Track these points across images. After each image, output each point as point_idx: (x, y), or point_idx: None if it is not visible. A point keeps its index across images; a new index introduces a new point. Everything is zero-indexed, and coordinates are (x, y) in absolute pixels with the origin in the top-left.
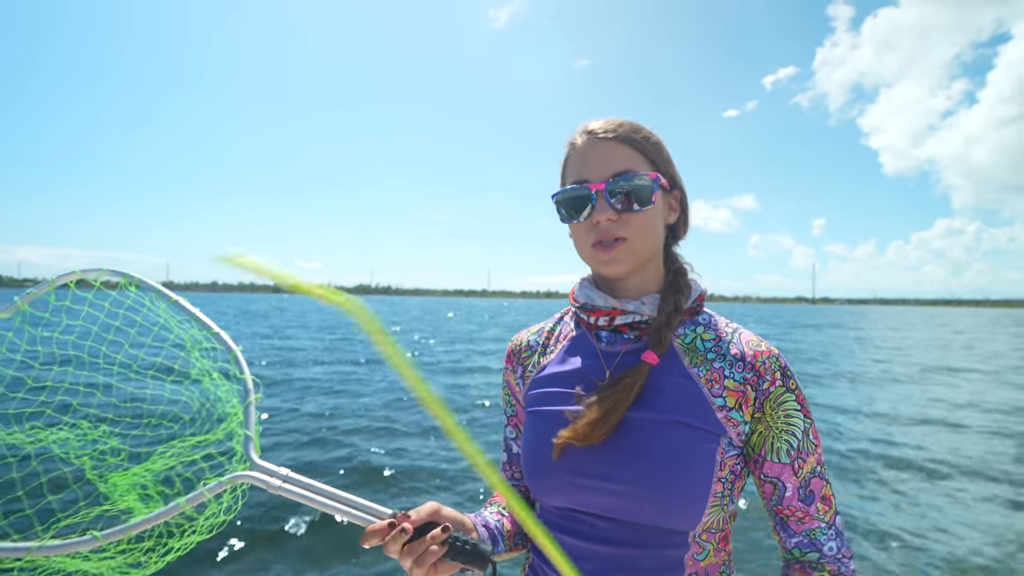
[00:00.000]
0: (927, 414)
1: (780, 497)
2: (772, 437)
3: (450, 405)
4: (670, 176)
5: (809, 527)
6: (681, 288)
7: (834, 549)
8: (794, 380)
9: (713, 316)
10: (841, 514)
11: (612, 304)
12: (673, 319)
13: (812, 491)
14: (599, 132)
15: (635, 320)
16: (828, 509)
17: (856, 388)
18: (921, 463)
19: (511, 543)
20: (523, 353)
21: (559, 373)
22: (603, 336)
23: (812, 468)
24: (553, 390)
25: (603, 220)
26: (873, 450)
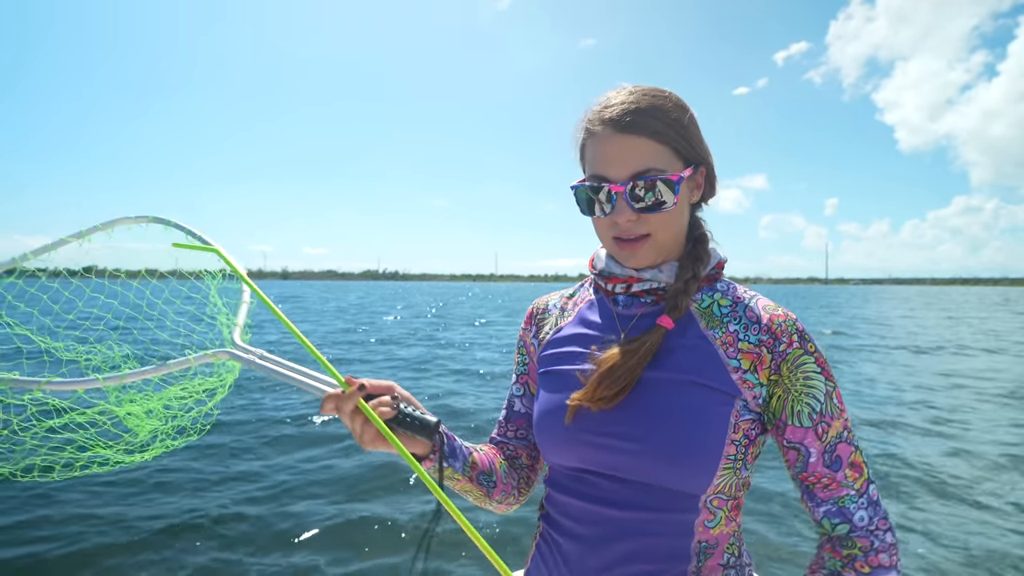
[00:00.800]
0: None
1: (804, 463)
2: (792, 400)
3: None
4: (696, 156)
5: (837, 494)
6: (700, 256)
7: (865, 519)
8: (812, 343)
9: (732, 284)
10: (876, 483)
11: (629, 272)
12: (691, 286)
13: (839, 456)
14: (618, 121)
15: (652, 286)
16: (859, 476)
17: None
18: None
19: (472, 474)
20: (542, 315)
21: (574, 335)
22: (620, 300)
23: (838, 433)
24: (567, 350)
25: (623, 222)
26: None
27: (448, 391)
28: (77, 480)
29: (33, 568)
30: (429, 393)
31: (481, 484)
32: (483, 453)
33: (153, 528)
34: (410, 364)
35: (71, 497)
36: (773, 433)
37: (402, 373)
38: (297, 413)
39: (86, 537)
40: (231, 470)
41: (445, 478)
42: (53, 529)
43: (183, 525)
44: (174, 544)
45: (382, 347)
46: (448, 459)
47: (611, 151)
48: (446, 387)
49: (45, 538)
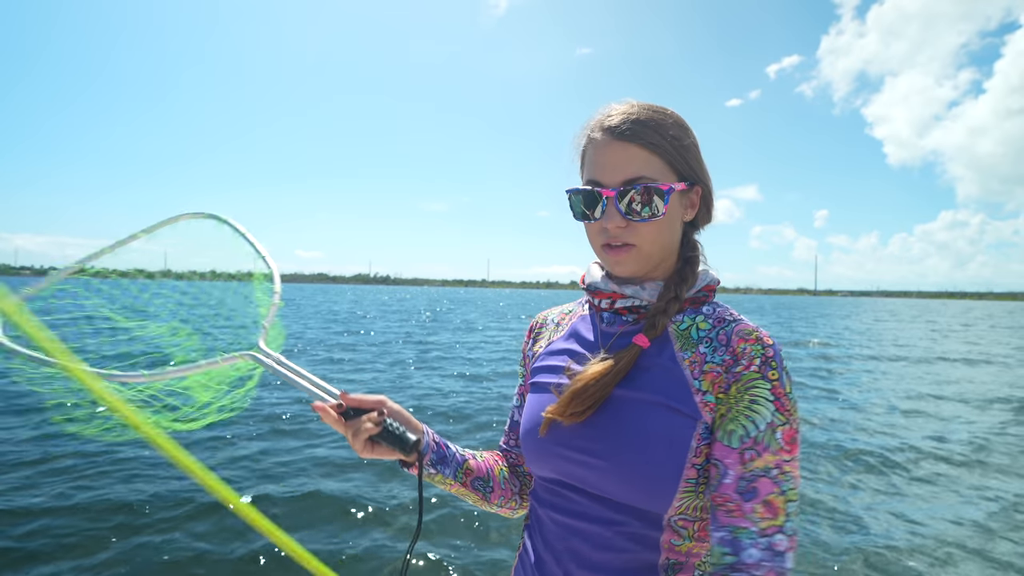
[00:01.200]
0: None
1: (719, 483)
2: (729, 419)
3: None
4: (691, 174)
5: (736, 523)
6: (686, 277)
7: (755, 559)
8: (776, 372)
9: (719, 307)
10: (790, 539)
11: (612, 288)
12: (671, 306)
13: (756, 488)
14: (617, 129)
15: (634, 304)
16: (769, 518)
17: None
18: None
19: (467, 479)
20: (539, 329)
21: (562, 349)
22: (604, 317)
23: (766, 467)
24: (552, 363)
25: (611, 227)
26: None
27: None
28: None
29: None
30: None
31: (476, 489)
32: (482, 459)
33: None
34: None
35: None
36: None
37: (395, 371)
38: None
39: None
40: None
41: (437, 483)
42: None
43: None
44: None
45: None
46: (437, 466)
47: (606, 157)
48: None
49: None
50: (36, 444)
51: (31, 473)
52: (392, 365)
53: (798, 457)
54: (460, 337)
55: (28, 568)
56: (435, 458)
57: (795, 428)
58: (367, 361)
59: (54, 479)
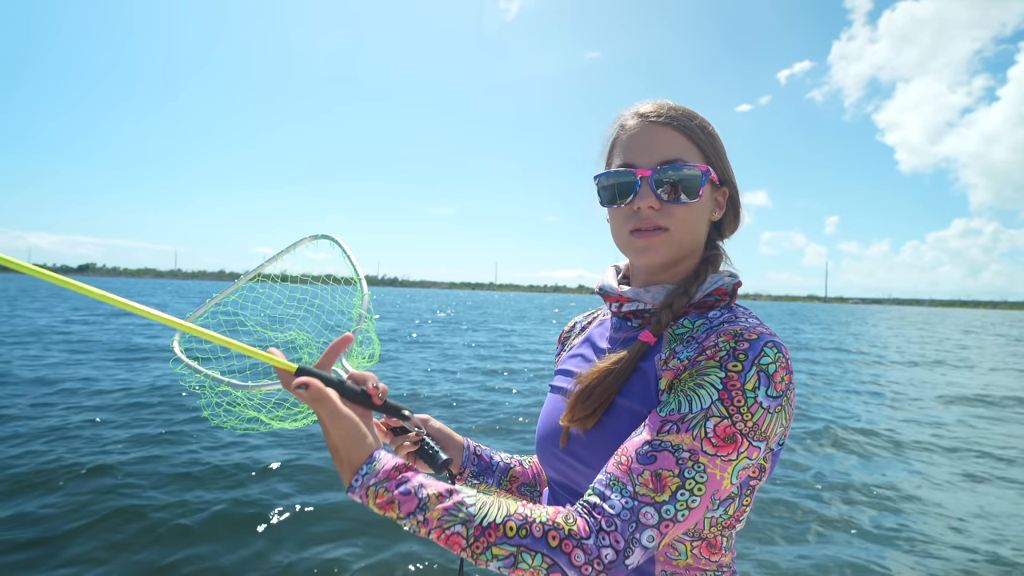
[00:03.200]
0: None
1: (629, 439)
2: (671, 396)
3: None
4: (721, 170)
5: (616, 475)
6: (700, 276)
7: (616, 510)
8: (740, 364)
9: (731, 311)
10: (661, 523)
11: (618, 292)
12: (678, 302)
13: (654, 457)
14: (652, 115)
15: (639, 308)
16: (650, 488)
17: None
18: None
19: (512, 487)
20: (568, 334)
21: (576, 354)
22: (614, 322)
23: (677, 445)
24: (567, 367)
25: (644, 208)
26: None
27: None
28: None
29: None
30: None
31: (524, 494)
32: (528, 466)
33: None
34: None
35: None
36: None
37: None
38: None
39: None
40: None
41: (482, 491)
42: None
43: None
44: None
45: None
46: (479, 477)
47: (642, 140)
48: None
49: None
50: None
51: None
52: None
53: (730, 459)
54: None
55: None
56: (475, 470)
57: (739, 429)
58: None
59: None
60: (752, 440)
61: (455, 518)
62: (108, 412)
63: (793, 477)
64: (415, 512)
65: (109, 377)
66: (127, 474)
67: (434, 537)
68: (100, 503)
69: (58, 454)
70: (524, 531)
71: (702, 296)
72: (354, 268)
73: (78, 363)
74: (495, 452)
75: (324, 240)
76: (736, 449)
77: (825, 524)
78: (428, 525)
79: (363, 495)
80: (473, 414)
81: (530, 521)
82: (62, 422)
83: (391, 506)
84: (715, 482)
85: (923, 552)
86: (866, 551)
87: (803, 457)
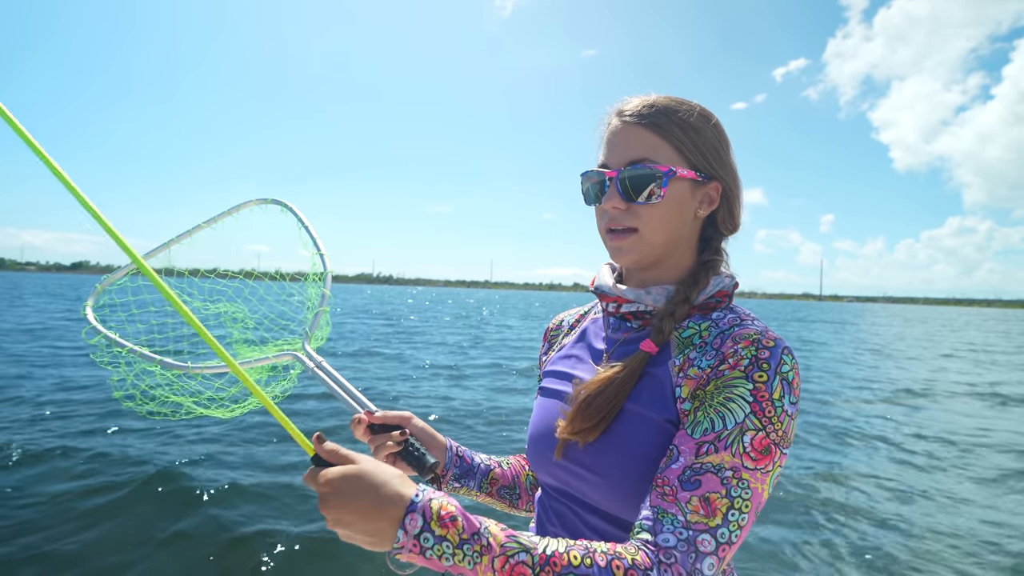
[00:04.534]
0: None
1: (665, 467)
2: (699, 411)
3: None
4: (706, 166)
5: (664, 507)
6: (698, 281)
7: (670, 543)
8: (765, 375)
9: (732, 314)
10: (719, 546)
11: (617, 292)
12: (679, 310)
13: (699, 481)
14: (627, 114)
15: (639, 309)
16: (702, 515)
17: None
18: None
19: (492, 489)
20: (553, 332)
21: (569, 355)
22: (611, 322)
23: (719, 465)
24: (559, 369)
25: (611, 209)
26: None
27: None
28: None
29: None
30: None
31: (503, 497)
32: (508, 467)
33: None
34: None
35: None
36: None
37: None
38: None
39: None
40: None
41: (462, 495)
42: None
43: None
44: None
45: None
46: (460, 480)
47: (616, 140)
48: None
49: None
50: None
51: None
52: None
53: (768, 471)
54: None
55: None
56: (458, 472)
57: (772, 439)
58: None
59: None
60: (783, 448)
61: (519, 545)
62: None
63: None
64: (479, 534)
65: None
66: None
67: (497, 566)
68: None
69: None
70: (588, 560)
71: (704, 299)
72: (315, 243)
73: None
74: (475, 453)
75: (274, 206)
76: (772, 460)
77: (839, 511)
78: (491, 552)
79: (413, 545)
80: (445, 412)
81: (592, 550)
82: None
83: (453, 524)
84: (758, 496)
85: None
86: (882, 540)
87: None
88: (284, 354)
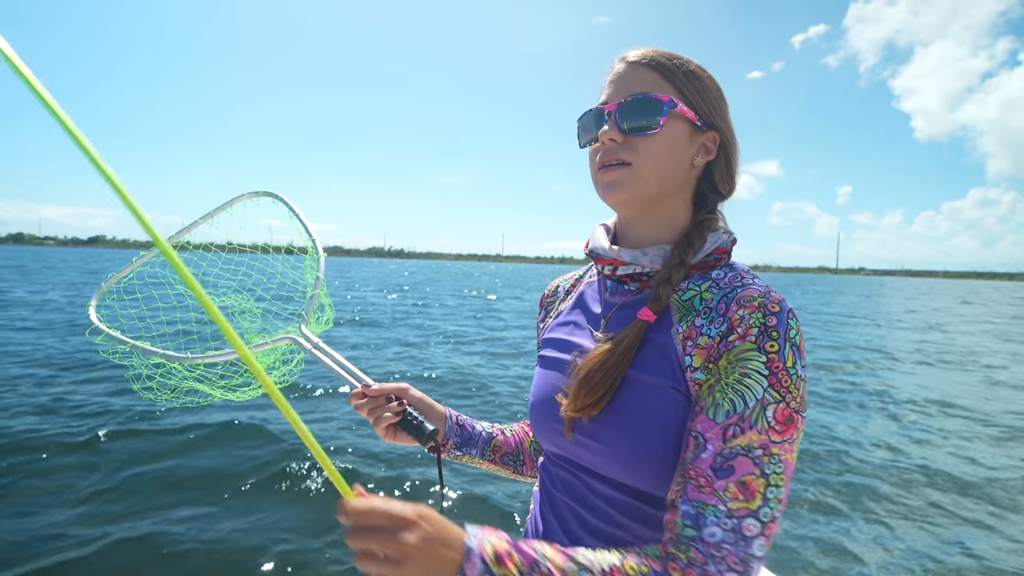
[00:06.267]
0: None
1: (695, 456)
2: (717, 391)
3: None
4: (706, 113)
5: (704, 500)
6: (692, 241)
7: (716, 538)
8: (776, 343)
9: (732, 272)
10: (764, 526)
11: (613, 254)
12: (675, 274)
13: (732, 467)
14: (631, 58)
15: (636, 271)
16: (742, 500)
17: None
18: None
19: (495, 456)
20: (550, 298)
21: (567, 321)
22: (608, 285)
23: (748, 446)
24: (558, 336)
25: (606, 139)
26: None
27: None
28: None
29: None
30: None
31: (507, 464)
32: (511, 434)
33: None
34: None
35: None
36: (689, 419)
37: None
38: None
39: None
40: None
41: (464, 463)
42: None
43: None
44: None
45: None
46: (462, 448)
47: (618, 80)
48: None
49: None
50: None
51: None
52: None
53: (793, 439)
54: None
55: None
56: (459, 441)
57: (792, 408)
58: None
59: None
60: (802, 414)
61: (578, 566)
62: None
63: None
64: (537, 564)
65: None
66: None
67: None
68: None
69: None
70: (645, 567)
71: (703, 257)
72: (306, 230)
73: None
74: (476, 421)
75: (267, 198)
76: (795, 428)
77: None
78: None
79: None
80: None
81: (645, 554)
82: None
83: (511, 559)
84: (789, 466)
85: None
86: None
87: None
88: (283, 337)
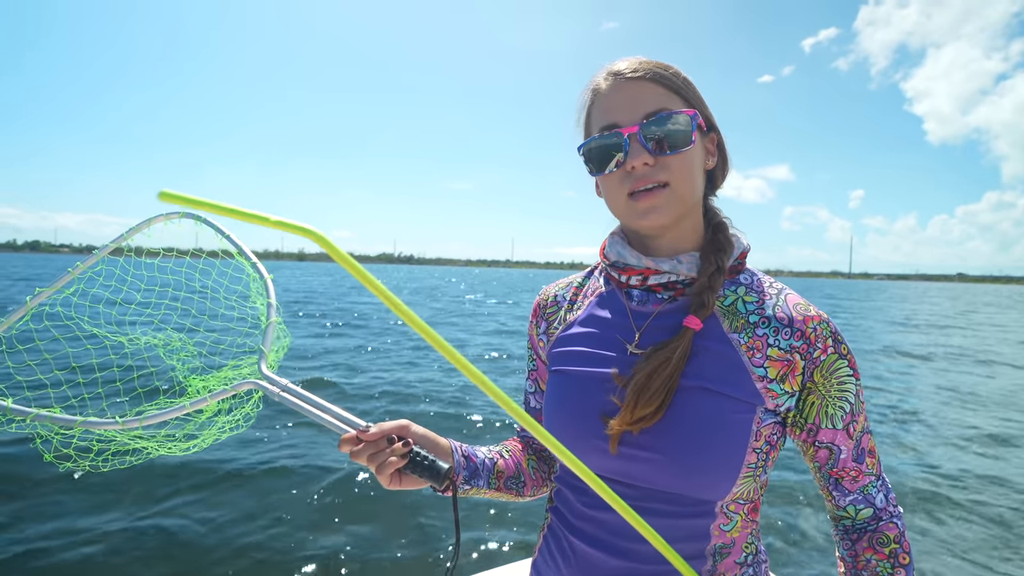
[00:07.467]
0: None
1: (836, 460)
2: (827, 404)
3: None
4: (708, 117)
5: (862, 484)
6: (723, 245)
7: (884, 501)
8: (845, 345)
9: (756, 275)
10: (879, 463)
11: (646, 264)
12: (716, 280)
13: (863, 448)
14: (626, 73)
15: (670, 280)
16: (875, 462)
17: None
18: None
19: (499, 483)
20: (548, 308)
21: (586, 333)
22: (634, 295)
23: (863, 427)
24: (578, 349)
25: (639, 166)
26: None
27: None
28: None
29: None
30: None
31: (510, 488)
32: (508, 457)
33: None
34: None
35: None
36: (802, 435)
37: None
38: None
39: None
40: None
41: (471, 495)
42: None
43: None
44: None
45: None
46: (470, 482)
47: (621, 98)
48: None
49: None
50: None
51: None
52: None
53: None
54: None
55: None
56: (467, 474)
57: (861, 386)
58: None
59: None
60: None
61: None
62: None
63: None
64: None
65: None
66: None
67: None
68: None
69: None
70: (883, 565)
71: (732, 263)
72: (239, 249)
73: None
74: (476, 448)
75: (187, 220)
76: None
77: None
78: None
79: None
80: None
81: (868, 560)
82: None
83: None
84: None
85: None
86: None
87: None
88: (243, 382)
